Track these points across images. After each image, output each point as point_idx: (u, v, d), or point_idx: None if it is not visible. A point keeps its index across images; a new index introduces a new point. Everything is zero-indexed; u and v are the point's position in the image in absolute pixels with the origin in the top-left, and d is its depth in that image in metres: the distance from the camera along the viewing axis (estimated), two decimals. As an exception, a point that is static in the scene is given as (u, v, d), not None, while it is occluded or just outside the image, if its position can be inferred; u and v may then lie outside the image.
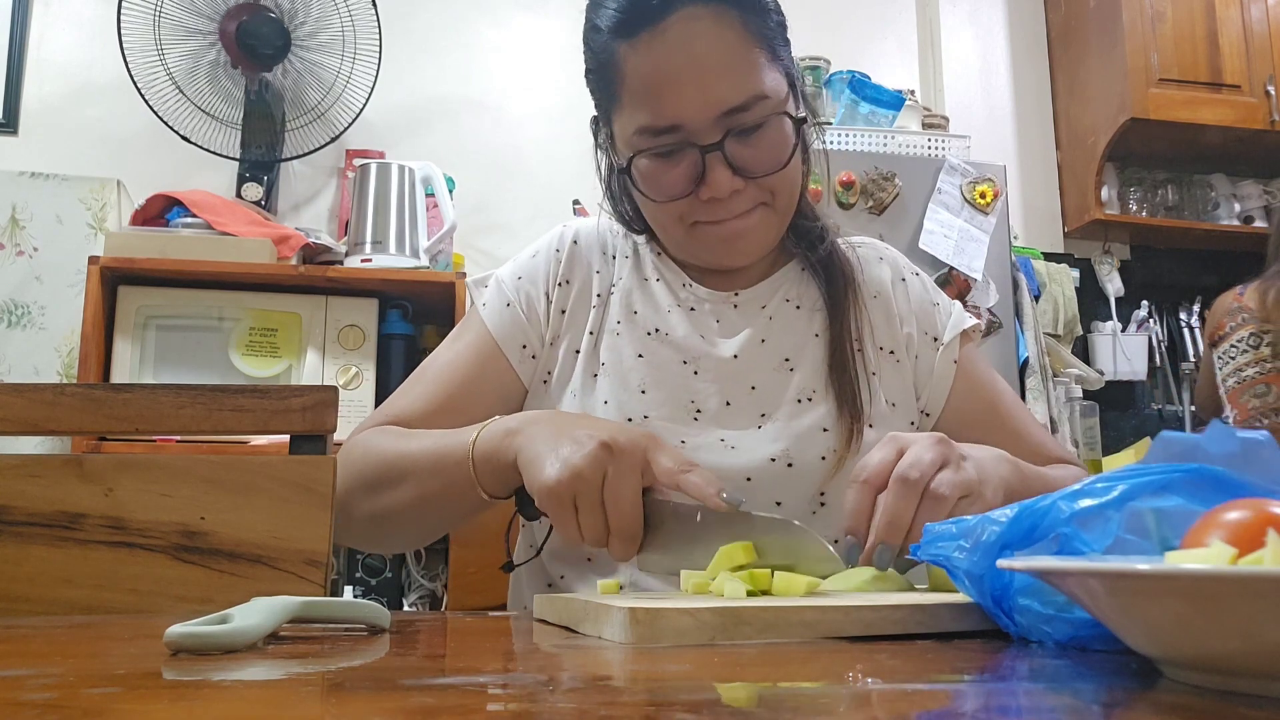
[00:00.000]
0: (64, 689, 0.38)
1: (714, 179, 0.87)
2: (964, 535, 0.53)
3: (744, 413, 0.92)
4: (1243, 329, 2.46)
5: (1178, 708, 0.34)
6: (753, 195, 0.90)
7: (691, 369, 0.94)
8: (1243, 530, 0.40)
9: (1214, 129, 3.16)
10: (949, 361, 0.99)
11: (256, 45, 2.46)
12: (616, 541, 0.70)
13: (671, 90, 0.85)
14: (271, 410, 0.91)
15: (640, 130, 0.88)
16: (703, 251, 0.95)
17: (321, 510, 0.86)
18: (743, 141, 0.87)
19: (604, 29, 0.89)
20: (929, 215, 2.68)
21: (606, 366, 0.94)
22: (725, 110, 0.85)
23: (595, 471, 0.69)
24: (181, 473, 0.86)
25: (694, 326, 0.96)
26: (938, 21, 3.34)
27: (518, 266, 1.01)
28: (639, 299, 0.98)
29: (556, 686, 0.40)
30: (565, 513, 0.70)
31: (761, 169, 0.88)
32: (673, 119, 0.86)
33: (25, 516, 0.83)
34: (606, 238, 1.03)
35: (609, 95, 0.91)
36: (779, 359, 0.95)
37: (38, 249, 2.49)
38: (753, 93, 0.86)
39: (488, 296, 0.99)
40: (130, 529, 0.84)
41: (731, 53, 0.85)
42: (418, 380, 0.97)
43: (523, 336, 0.96)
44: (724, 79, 0.85)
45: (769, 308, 0.98)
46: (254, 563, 0.85)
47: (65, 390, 0.89)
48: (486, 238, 2.78)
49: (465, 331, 0.99)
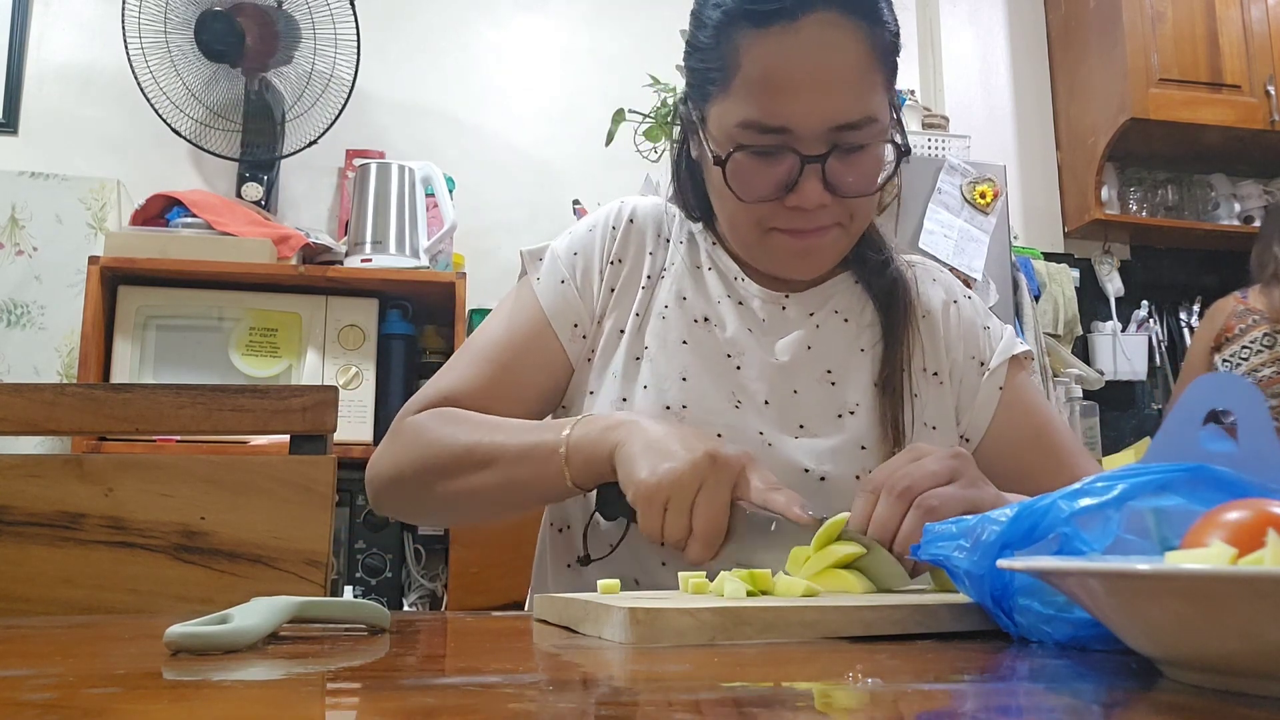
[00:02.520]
0: (64, 689, 0.38)
1: (806, 189, 0.85)
2: (964, 535, 0.53)
3: (783, 417, 0.91)
4: (1255, 330, 2.49)
5: (1178, 708, 0.34)
6: (834, 214, 0.89)
7: (735, 363, 0.93)
8: (1243, 530, 0.40)
9: (1214, 129, 3.16)
10: (994, 388, 0.98)
11: (210, 41, 2.45)
12: (695, 545, 0.72)
13: (792, 92, 0.83)
14: (271, 410, 0.91)
15: (746, 124, 0.85)
16: (771, 260, 0.94)
17: (322, 510, 0.86)
18: (844, 160, 0.86)
19: (730, 8, 0.85)
20: (929, 215, 2.68)
21: (650, 350, 0.93)
22: (838, 125, 0.84)
23: (694, 479, 0.71)
24: (181, 473, 0.86)
25: (743, 320, 0.96)
26: (938, 21, 3.34)
27: (574, 240, 0.99)
28: (690, 285, 0.97)
29: (556, 686, 0.40)
30: (654, 512, 0.72)
31: (853, 190, 0.88)
32: (785, 121, 0.84)
33: (25, 516, 0.83)
34: (663, 219, 1.01)
35: (716, 79, 0.87)
36: (822, 370, 0.94)
37: (38, 249, 2.49)
38: (867, 113, 0.85)
39: (543, 270, 0.97)
40: (130, 529, 0.84)
41: (856, 69, 0.84)
42: (465, 354, 0.96)
43: (575, 315, 0.95)
44: (845, 93, 0.84)
45: (817, 316, 0.97)
46: (254, 563, 0.85)
47: (65, 390, 0.89)
48: (486, 238, 2.78)
49: (518, 306, 0.97)
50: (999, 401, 0.98)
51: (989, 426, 0.97)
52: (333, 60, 2.56)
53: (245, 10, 2.50)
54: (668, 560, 0.88)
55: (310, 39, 2.55)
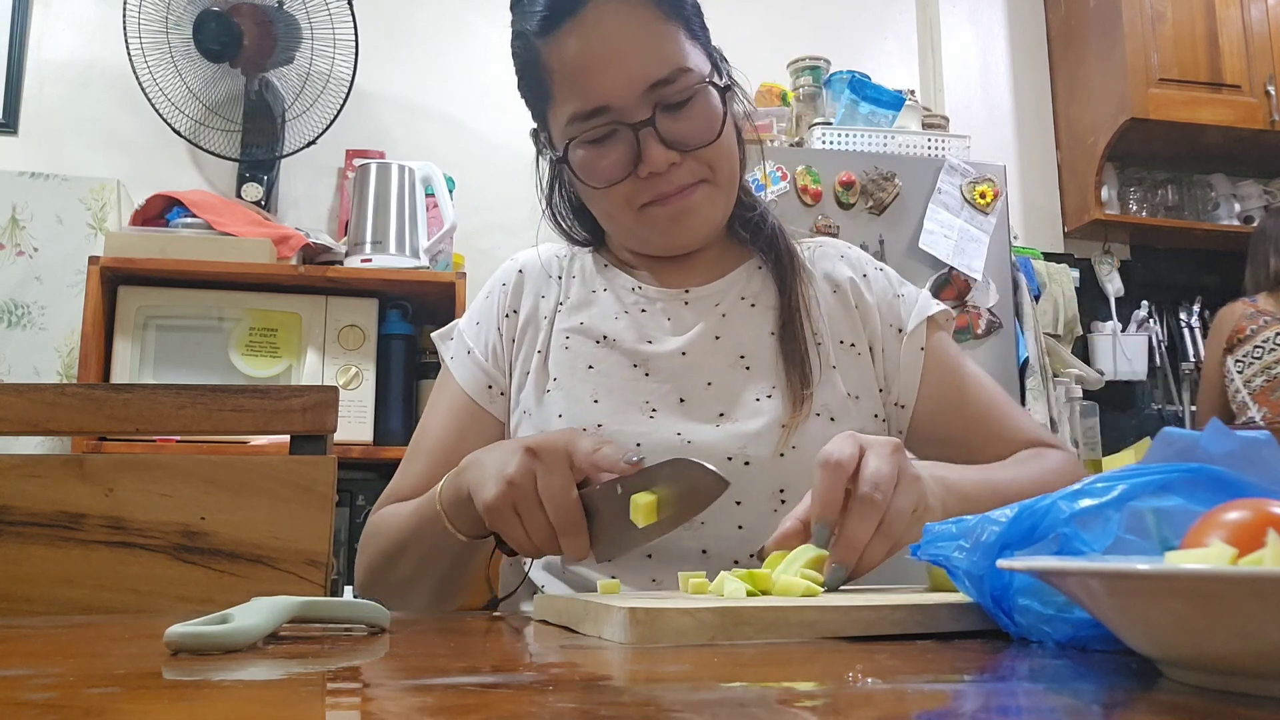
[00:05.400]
0: (64, 689, 0.38)
1: (649, 154, 0.88)
2: (964, 535, 0.53)
3: (700, 409, 0.92)
4: (1268, 329, 2.53)
5: (1178, 708, 0.34)
6: (692, 169, 0.91)
7: (642, 371, 0.94)
8: (1243, 530, 0.40)
9: (1214, 129, 3.16)
10: (915, 349, 0.98)
11: (209, 41, 2.45)
12: (565, 539, 0.71)
13: (595, 72, 0.88)
14: (271, 410, 0.91)
15: (572, 118, 0.90)
16: (653, 235, 0.96)
17: (322, 510, 0.86)
18: (672, 116, 0.89)
19: (528, 32, 0.92)
20: (929, 215, 2.68)
21: (558, 381, 0.95)
22: (650, 84, 0.88)
23: (525, 476, 0.71)
24: (181, 473, 0.86)
25: (642, 330, 0.97)
26: (938, 21, 3.34)
27: (474, 311, 1.04)
28: (586, 312, 0.99)
29: (556, 686, 0.40)
30: (510, 524, 0.72)
31: (695, 141, 0.90)
32: (601, 99, 0.88)
33: (25, 516, 0.83)
34: (552, 261, 1.05)
35: (541, 94, 0.94)
36: (734, 356, 0.95)
37: (38, 249, 2.49)
38: (675, 65, 0.88)
39: (453, 349, 1.01)
40: (130, 529, 0.84)
41: (649, 31, 0.88)
42: (413, 455, 0.99)
43: (488, 378, 0.98)
44: (645, 55, 0.88)
45: (722, 305, 0.98)
46: (254, 563, 0.85)
47: (65, 390, 0.89)
48: (486, 238, 2.78)
49: (442, 394, 1.01)
50: (924, 364, 0.98)
51: (919, 389, 0.97)
52: (332, 60, 2.56)
53: (244, 10, 2.50)
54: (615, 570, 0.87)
55: (309, 39, 2.55)
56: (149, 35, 2.47)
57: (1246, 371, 2.53)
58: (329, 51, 2.55)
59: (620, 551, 0.72)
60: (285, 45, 2.54)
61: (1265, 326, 2.55)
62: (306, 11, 2.52)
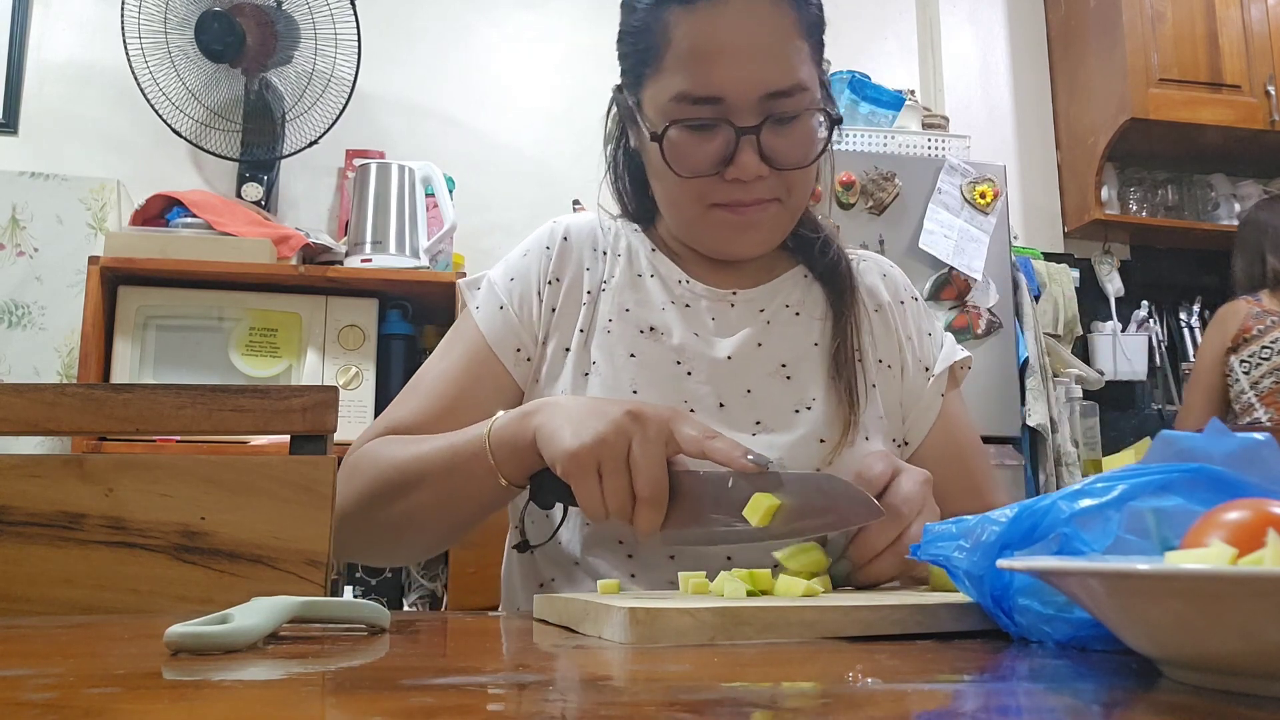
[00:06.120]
0: (64, 689, 0.38)
1: (742, 161, 0.87)
2: (964, 535, 0.53)
3: (739, 417, 0.91)
4: (1275, 330, 2.52)
5: (1178, 708, 0.34)
6: (772, 186, 0.90)
7: (685, 369, 0.93)
8: (1243, 530, 0.40)
9: (1214, 129, 3.16)
10: (936, 394, 0.99)
11: (210, 41, 2.45)
12: (643, 509, 0.70)
13: (722, 61, 0.85)
14: (271, 410, 0.91)
15: (679, 97, 0.87)
16: (712, 238, 0.94)
17: (321, 510, 0.86)
18: (778, 131, 0.87)
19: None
20: (929, 215, 2.68)
21: (598, 365, 0.93)
22: (769, 93, 0.86)
23: (620, 438, 0.69)
24: (181, 473, 0.86)
25: (689, 325, 0.95)
26: (938, 21, 3.34)
27: (509, 267, 1.00)
28: (632, 296, 0.97)
29: (556, 686, 0.40)
30: (589, 480, 0.70)
31: (790, 161, 0.89)
32: (718, 90, 0.86)
33: (25, 516, 0.83)
34: (598, 234, 1.01)
35: (648, 59, 0.89)
36: (775, 364, 0.94)
37: (38, 249, 2.49)
38: (796, 80, 0.87)
39: (480, 299, 0.98)
40: (130, 529, 0.84)
41: (784, 39, 0.87)
42: (413, 390, 0.97)
43: (516, 340, 0.95)
44: (774, 62, 0.86)
45: (767, 311, 0.97)
46: (254, 563, 0.85)
47: (65, 390, 0.89)
48: (486, 238, 2.78)
49: (459, 337, 0.98)
50: (938, 412, 0.99)
51: (926, 436, 0.98)
52: (333, 60, 2.56)
53: (245, 10, 2.50)
54: (625, 542, 0.87)
55: (310, 39, 2.55)
56: (149, 35, 2.47)
57: (1254, 372, 2.53)
58: (330, 51, 2.55)
59: (688, 542, 0.72)
60: (286, 45, 2.54)
61: (1273, 327, 2.54)
62: (309, 11, 2.52)
